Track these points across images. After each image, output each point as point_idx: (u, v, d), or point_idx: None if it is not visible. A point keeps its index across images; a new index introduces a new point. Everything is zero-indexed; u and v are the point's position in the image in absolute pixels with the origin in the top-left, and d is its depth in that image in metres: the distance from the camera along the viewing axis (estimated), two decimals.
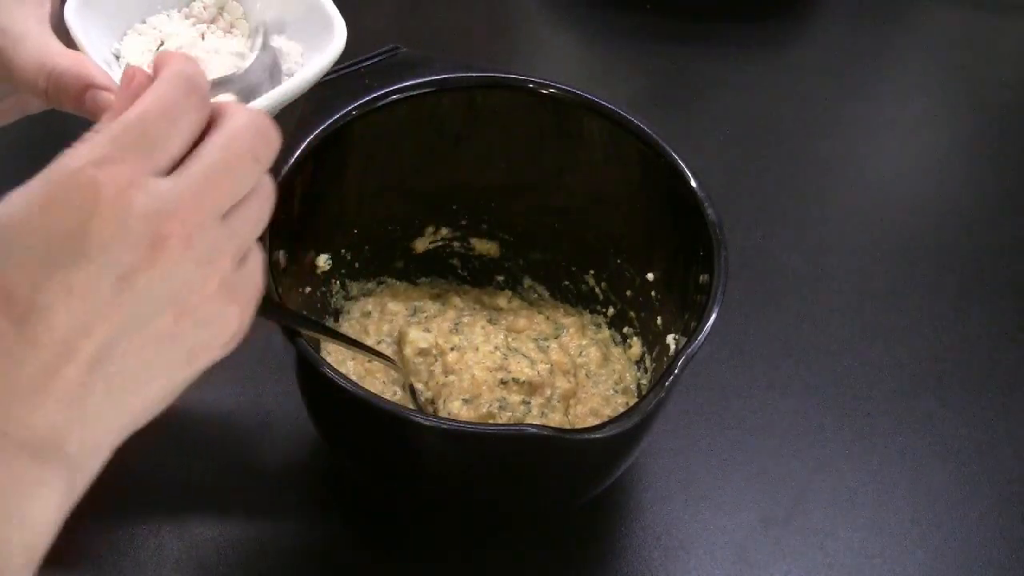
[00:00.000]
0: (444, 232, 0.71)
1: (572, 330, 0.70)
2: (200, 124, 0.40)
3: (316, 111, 0.59)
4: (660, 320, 0.64)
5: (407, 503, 0.64)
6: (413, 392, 0.66)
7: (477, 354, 0.65)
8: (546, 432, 0.49)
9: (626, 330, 0.69)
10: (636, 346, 0.68)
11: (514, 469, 0.56)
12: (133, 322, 0.37)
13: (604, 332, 0.70)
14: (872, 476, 0.69)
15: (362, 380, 0.65)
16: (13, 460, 0.36)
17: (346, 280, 0.69)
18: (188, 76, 0.40)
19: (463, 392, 0.63)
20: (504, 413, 0.63)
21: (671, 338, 0.62)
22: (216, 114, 0.41)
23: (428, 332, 0.67)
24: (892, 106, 0.95)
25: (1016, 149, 0.92)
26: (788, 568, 0.64)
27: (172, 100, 0.39)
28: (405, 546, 0.64)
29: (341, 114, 0.60)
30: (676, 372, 0.51)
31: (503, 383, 0.63)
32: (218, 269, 0.39)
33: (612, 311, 0.70)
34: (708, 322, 0.53)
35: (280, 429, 0.68)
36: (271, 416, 0.68)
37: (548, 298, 0.72)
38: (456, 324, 0.68)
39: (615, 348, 0.69)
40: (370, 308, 0.70)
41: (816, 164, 0.90)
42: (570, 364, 0.67)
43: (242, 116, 0.41)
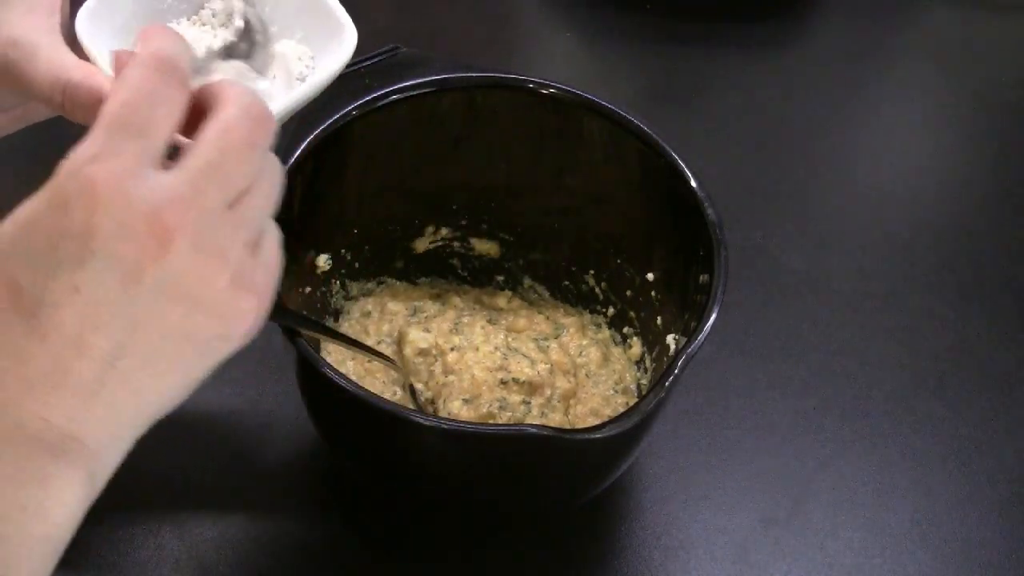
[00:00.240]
0: (444, 232, 0.71)
1: (572, 330, 0.70)
2: (183, 103, 0.39)
3: (316, 111, 0.59)
4: (660, 320, 0.64)
5: (407, 503, 0.64)
6: (413, 392, 0.66)
7: (477, 354, 0.65)
8: (546, 432, 0.49)
9: (626, 330, 0.69)
10: (636, 346, 0.68)
11: (514, 469, 0.56)
12: (144, 317, 0.37)
13: (604, 332, 0.70)
14: (872, 476, 0.69)
15: (362, 380, 0.65)
16: (29, 452, 0.36)
17: (346, 280, 0.69)
18: (164, 57, 0.39)
19: (463, 392, 0.63)
20: (504, 413, 0.63)
21: (671, 338, 0.62)
22: (209, 97, 0.41)
23: (428, 332, 0.67)
24: (892, 106, 0.95)
25: (1016, 149, 0.92)
26: (788, 568, 0.64)
27: (150, 84, 0.38)
28: (405, 546, 0.64)
29: (341, 114, 0.60)
30: (676, 372, 0.51)
31: (503, 383, 0.63)
32: (228, 260, 0.39)
33: (612, 311, 0.70)
34: (708, 322, 0.53)
35: (280, 429, 0.68)
36: (271, 416, 0.68)
37: (548, 298, 0.72)
38: (456, 324, 0.68)
39: (615, 348, 0.69)
40: (370, 308, 0.70)
41: (816, 164, 0.90)
42: (570, 364, 0.67)
43: (235, 103, 0.40)
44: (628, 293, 0.68)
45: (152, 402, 0.39)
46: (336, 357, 0.66)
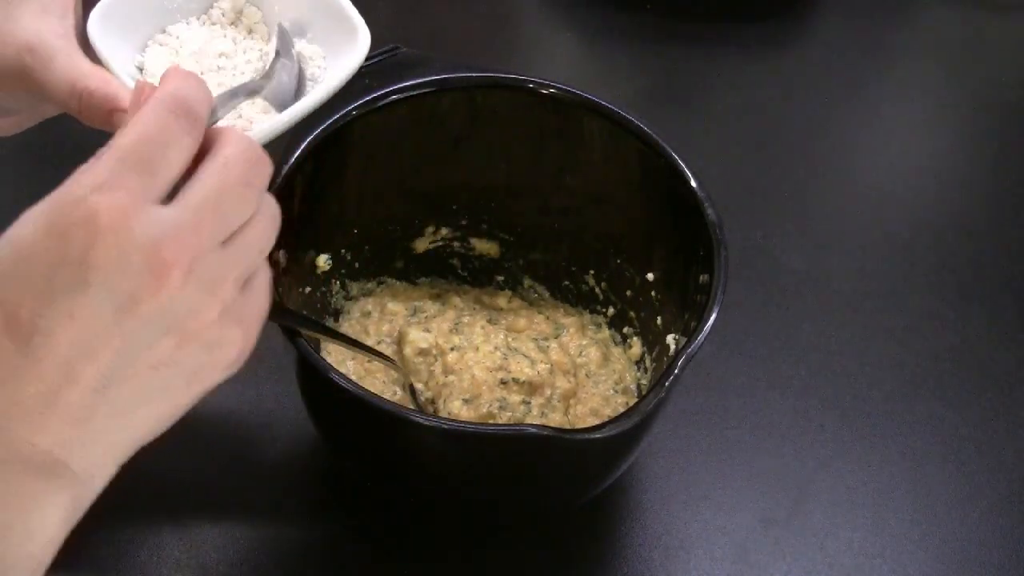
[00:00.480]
0: (444, 232, 0.71)
1: (572, 330, 0.70)
2: (193, 147, 0.40)
3: (316, 111, 0.59)
4: (660, 320, 0.64)
5: (407, 503, 0.64)
6: (413, 392, 0.66)
7: (477, 354, 0.65)
8: (546, 432, 0.49)
9: (626, 330, 0.69)
10: (636, 346, 0.68)
11: (514, 469, 0.56)
12: (135, 348, 0.38)
13: (604, 332, 0.70)
14: (872, 476, 0.69)
15: (362, 380, 0.65)
16: (17, 476, 0.37)
17: (346, 280, 0.69)
18: (181, 98, 0.40)
19: (463, 392, 0.63)
20: (504, 413, 0.63)
21: (671, 338, 0.62)
22: (210, 139, 0.41)
23: (428, 332, 0.67)
24: (892, 106, 0.95)
25: (1016, 149, 0.92)
26: (788, 568, 0.64)
27: (164, 124, 0.39)
28: (405, 546, 0.64)
29: (341, 114, 0.60)
30: (676, 372, 0.51)
31: (503, 383, 0.63)
32: (220, 295, 0.40)
33: (612, 311, 0.70)
34: (708, 322, 0.53)
35: (280, 429, 0.68)
36: (271, 416, 0.68)
37: (548, 298, 0.72)
38: (456, 324, 0.68)
39: (615, 348, 0.69)
40: (370, 308, 0.70)
41: (816, 164, 0.90)
42: (570, 364, 0.67)
43: (233, 145, 0.41)
44: (628, 293, 0.68)
45: (139, 429, 0.40)
46: (336, 357, 0.66)
